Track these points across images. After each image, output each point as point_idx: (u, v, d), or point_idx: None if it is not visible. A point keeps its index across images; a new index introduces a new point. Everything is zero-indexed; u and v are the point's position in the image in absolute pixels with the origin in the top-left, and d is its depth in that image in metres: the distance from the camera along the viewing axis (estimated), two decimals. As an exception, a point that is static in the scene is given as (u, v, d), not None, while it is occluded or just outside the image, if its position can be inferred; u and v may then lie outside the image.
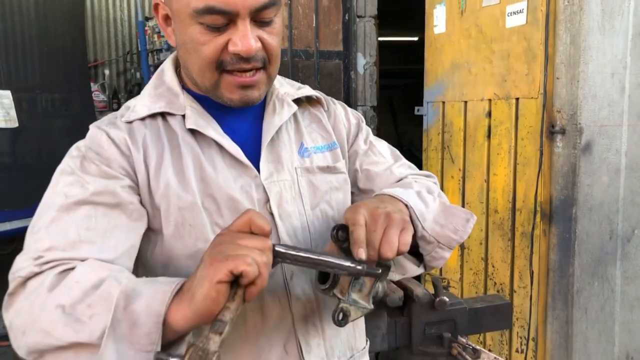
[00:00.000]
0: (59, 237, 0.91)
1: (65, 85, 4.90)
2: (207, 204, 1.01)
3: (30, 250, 0.91)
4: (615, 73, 2.32)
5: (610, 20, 2.29)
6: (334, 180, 1.14)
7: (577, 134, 2.31)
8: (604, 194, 2.38)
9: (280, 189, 1.06)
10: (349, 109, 1.29)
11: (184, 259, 1.00)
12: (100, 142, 1.01)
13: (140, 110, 1.06)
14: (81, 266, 0.87)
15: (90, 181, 0.96)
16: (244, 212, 0.87)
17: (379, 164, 1.23)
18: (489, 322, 1.89)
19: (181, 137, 1.04)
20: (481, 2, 2.65)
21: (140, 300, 0.81)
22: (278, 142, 1.10)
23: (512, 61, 2.52)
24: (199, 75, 1.01)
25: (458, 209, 1.10)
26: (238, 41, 0.95)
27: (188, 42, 0.98)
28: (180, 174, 1.01)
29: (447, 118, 2.96)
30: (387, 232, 0.94)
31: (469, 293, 2.86)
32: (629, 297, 2.49)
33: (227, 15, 0.93)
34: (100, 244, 0.93)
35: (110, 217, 0.95)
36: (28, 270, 0.88)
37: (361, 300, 0.97)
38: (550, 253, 2.46)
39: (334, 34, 3.63)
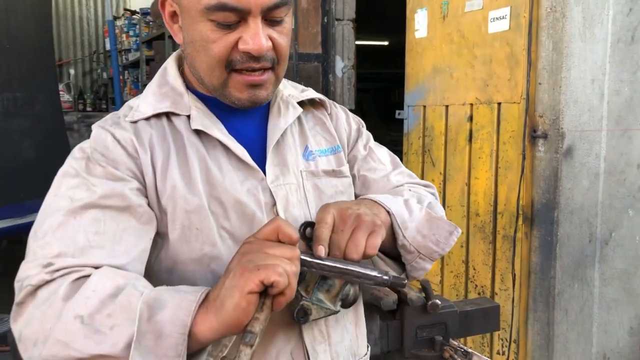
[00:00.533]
0: (67, 243, 0.87)
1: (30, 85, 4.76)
2: (214, 207, 0.99)
3: (37, 257, 0.86)
4: (595, 79, 2.38)
5: (590, 27, 2.34)
6: (339, 184, 1.13)
7: (559, 138, 2.35)
8: (584, 197, 2.43)
9: (286, 192, 1.04)
10: (350, 113, 1.28)
11: (190, 263, 0.98)
12: (105, 143, 0.97)
13: (145, 109, 1.03)
14: (97, 274, 0.84)
15: (96, 183, 0.93)
16: (272, 220, 0.86)
17: (377, 170, 1.22)
18: (479, 325, 1.91)
19: (186, 138, 1.01)
20: (463, 7, 2.68)
21: (165, 310, 0.79)
22: (283, 145, 1.08)
23: (494, 66, 2.56)
24: (207, 74, 0.99)
25: (443, 221, 1.08)
26: (249, 39, 0.93)
27: (197, 40, 0.96)
28: (186, 176, 0.98)
29: (428, 122, 2.98)
30: (354, 233, 0.93)
31: (449, 296, 2.89)
32: (607, 299, 2.55)
33: (239, 12, 0.92)
34: (110, 249, 0.89)
35: (119, 221, 0.92)
36: (38, 278, 0.83)
37: (326, 301, 0.95)
38: (531, 255, 2.50)
39: (313, 36, 3.62)
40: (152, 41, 5.56)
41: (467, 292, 2.80)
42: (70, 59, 7.11)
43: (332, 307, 0.95)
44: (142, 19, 5.84)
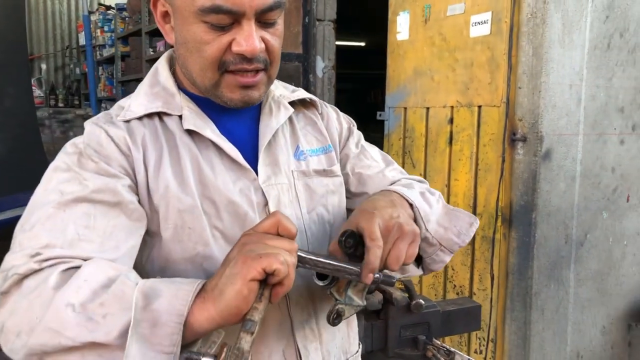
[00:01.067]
0: (56, 235, 0.85)
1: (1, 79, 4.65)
2: (206, 207, 0.99)
3: (24, 248, 0.84)
4: (572, 84, 2.44)
5: (569, 34, 2.40)
6: (330, 184, 1.14)
7: (537, 142, 2.40)
8: (561, 200, 2.49)
9: (278, 192, 1.05)
10: (340, 113, 1.29)
11: (182, 262, 0.98)
12: (99, 139, 0.97)
13: (137, 109, 1.02)
14: (88, 264, 0.82)
15: (88, 178, 0.92)
16: (272, 214, 0.87)
17: (371, 167, 1.23)
18: (461, 324, 1.94)
19: (179, 138, 1.01)
20: (446, 11, 2.72)
21: (161, 299, 0.78)
22: (275, 145, 1.09)
23: (475, 70, 2.60)
24: (199, 75, 0.99)
25: (462, 212, 1.12)
26: (242, 41, 0.94)
27: (190, 41, 0.96)
28: (179, 176, 0.98)
29: (409, 124, 3.01)
30: (396, 245, 0.95)
31: (428, 296, 2.92)
32: (581, 299, 2.61)
33: (233, 15, 0.92)
34: (100, 244, 0.88)
35: (110, 217, 0.91)
36: (26, 267, 0.82)
37: (356, 297, 0.98)
38: (509, 256, 2.55)
39: (294, 36, 3.62)
40: (128, 37, 5.49)
41: (446, 292, 2.84)
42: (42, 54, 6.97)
43: (360, 303, 0.98)
44: (117, 15, 5.76)
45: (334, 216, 1.14)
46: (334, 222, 1.14)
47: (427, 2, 2.83)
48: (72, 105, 6.94)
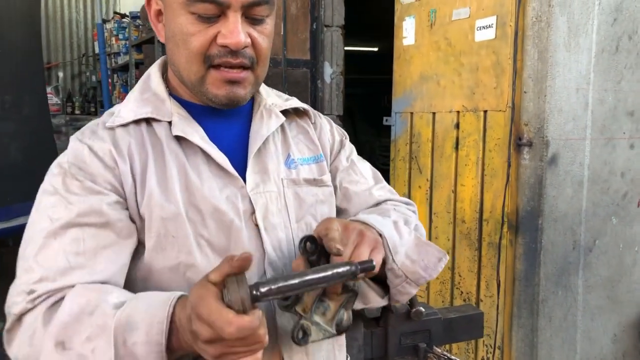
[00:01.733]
0: (48, 266, 0.89)
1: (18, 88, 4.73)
2: (192, 214, 0.98)
3: (22, 282, 0.90)
4: (579, 88, 2.40)
5: (575, 37, 2.37)
6: (320, 193, 1.13)
7: (543, 146, 2.37)
8: (568, 205, 2.45)
9: (266, 200, 1.04)
10: (334, 124, 1.28)
11: (166, 272, 0.97)
12: (82, 156, 0.97)
13: (126, 115, 1.02)
14: (69, 295, 0.87)
15: (74, 201, 0.93)
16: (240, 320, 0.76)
17: (358, 183, 1.21)
18: (463, 332, 1.91)
19: (166, 145, 1.00)
20: (451, 15, 2.70)
21: (138, 332, 0.81)
22: (265, 153, 1.08)
23: (480, 74, 2.58)
24: (185, 69, 0.99)
25: (432, 247, 1.06)
26: (227, 33, 0.94)
27: (177, 34, 0.97)
28: (163, 184, 0.98)
29: (415, 129, 2.99)
30: (358, 248, 0.92)
31: (435, 302, 2.90)
32: (590, 306, 2.57)
33: (219, 5, 0.93)
34: (90, 268, 0.91)
35: (99, 238, 0.93)
36: (21, 307, 0.88)
37: (324, 324, 0.92)
38: (516, 263, 2.52)
39: (302, 42, 3.63)
40: (142, 45, 5.54)
41: (453, 299, 2.81)
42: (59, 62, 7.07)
43: (329, 329, 0.92)
44: (131, 23, 5.82)
45: None
46: None
47: (433, 7, 2.81)
48: (89, 112, 7.03)
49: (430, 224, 2.92)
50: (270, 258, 1.02)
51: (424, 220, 2.96)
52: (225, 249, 0.99)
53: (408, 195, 3.06)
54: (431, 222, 2.92)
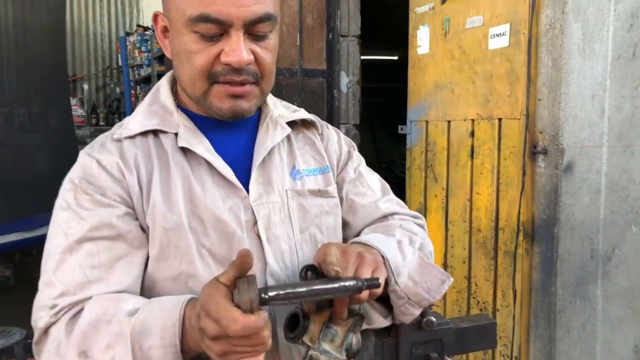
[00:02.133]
0: (67, 281, 0.94)
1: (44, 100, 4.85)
2: (194, 224, 1.00)
3: (44, 297, 0.95)
4: (595, 95, 2.37)
5: (590, 44, 2.34)
6: (325, 204, 1.13)
7: (558, 154, 2.35)
8: (585, 214, 2.41)
9: (269, 211, 1.05)
10: (342, 135, 1.28)
11: (168, 281, 0.99)
12: (91, 170, 1.00)
13: (133, 127, 1.05)
14: (87, 306, 0.91)
15: (85, 216, 0.97)
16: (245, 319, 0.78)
17: (365, 195, 1.20)
18: (475, 342, 1.89)
19: (172, 156, 1.03)
20: (464, 24, 2.70)
21: (153, 336, 0.84)
22: (269, 164, 1.09)
23: (494, 82, 2.56)
24: (189, 85, 1.01)
25: (435, 268, 1.05)
26: (230, 52, 0.95)
27: (182, 51, 0.99)
28: (167, 194, 1.00)
29: (431, 137, 2.98)
30: (359, 271, 0.92)
31: (451, 312, 2.87)
32: (610, 316, 2.52)
33: (221, 25, 0.94)
34: (107, 280, 0.95)
35: (112, 250, 0.96)
36: (45, 320, 0.93)
37: (332, 351, 0.91)
38: (532, 272, 2.49)
39: (318, 52, 3.65)
40: (164, 57, 5.63)
41: (470, 308, 2.79)
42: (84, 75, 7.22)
43: (339, 357, 0.91)
44: (153, 35, 5.92)
45: (328, 237, 1.12)
46: None
47: (447, 16, 2.81)
48: (113, 123, 7.14)
49: (447, 232, 2.90)
50: (272, 269, 1.03)
51: (440, 229, 2.95)
52: (227, 259, 1.00)
53: (424, 204, 3.05)
54: (447, 231, 2.90)
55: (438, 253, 2.97)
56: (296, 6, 3.55)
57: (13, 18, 4.56)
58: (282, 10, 3.52)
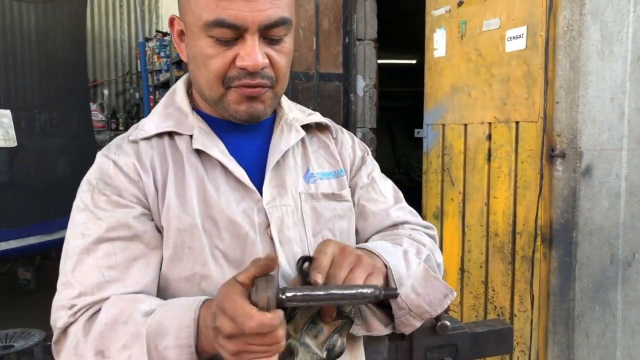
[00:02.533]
0: (85, 282, 0.95)
1: (64, 105, 4.92)
2: (208, 226, 1.00)
3: (62, 297, 0.96)
4: (614, 98, 2.34)
5: (609, 45, 2.31)
6: (338, 208, 1.13)
7: (577, 157, 2.31)
8: (604, 218, 2.38)
9: (282, 214, 1.05)
10: (357, 140, 1.28)
11: (182, 281, 1.00)
12: (108, 171, 1.01)
13: (149, 129, 1.06)
14: (104, 307, 0.92)
15: (102, 217, 0.98)
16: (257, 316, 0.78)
17: (377, 202, 1.19)
18: (491, 347, 1.87)
19: (186, 158, 1.03)
20: (481, 26, 2.68)
21: (168, 337, 0.85)
22: (283, 167, 1.09)
23: (511, 85, 2.54)
24: (206, 88, 1.02)
25: (439, 282, 1.03)
26: (245, 56, 0.96)
27: (197, 56, 0.99)
28: (181, 196, 1.01)
29: (447, 141, 2.97)
30: (353, 271, 0.90)
31: (468, 317, 2.85)
32: (630, 322, 2.48)
33: (236, 29, 0.95)
34: (124, 281, 0.96)
35: (129, 250, 0.98)
36: (64, 320, 0.94)
37: (314, 346, 0.90)
38: (550, 277, 2.45)
39: (334, 56, 3.65)
40: (182, 62, 5.68)
41: (487, 313, 2.76)
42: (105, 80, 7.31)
43: (319, 353, 0.90)
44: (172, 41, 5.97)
45: (342, 241, 1.10)
46: None
47: (463, 18, 2.79)
48: (132, 128, 7.20)
49: (464, 237, 2.88)
50: (284, 271, 1.03)
51: (457, 234, 2.92)
52: (240, 261, 1.01)
53: (441, 208, 3.03)
54: (464, 235, 2.88)
55: (455, 257, 2.94)
56: (312, 10, 3.56)
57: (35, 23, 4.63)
58: (298, 14, 3.55)
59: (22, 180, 4.33)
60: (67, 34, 5.01)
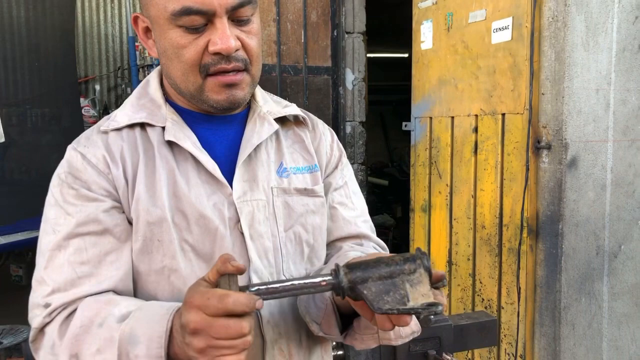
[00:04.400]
0: (57, 278, 0.94)
1: (55, 100, 4.90)
2: (177, 220, 0.99)
3: (37, 295, 0.96)
4: (599, 89, 2.34)
5: (594, 36, 2.30)
6: (311, 203, 1.12)
7: (562, 149, 2.31)
8: (590, 209, 2.38)
9: (252, 208, 1.04)
10: (336, 138, 1.26)
11: (151, 275, 0.99)
12: (76, 165, 1.00)
13: (121, 119, 1.04)
14: (79, 308, 0.92)
15: (72, 212, 0.97)
16: (224, 296, 0.78)
17: (348, 207, 1.20)
18: (475, 339, 1.87)
19: (157, 150, 1.02)
20: (467, 18, 2.67)
21: (140, 346, 0.85)
22: (255, 161, 1.07)
23: (497, 77, 2.53)
24: (182, 81, 1.00)
25: (413, 320, 1.05)
26: (217, 40, 0.95)
27: (168, 48, 0.98)
28: (151, 188, 1.00)
29: (435, 133, 2.96)
30: None
31: (456, 309, 2.85)
32: (617, 314, 2.48)
33: (204, 15, 0.94)
34: (97, 276, 0.96)
35: (100, 245, 0.97)
36: (39, 320, 0.94)
37: None
38: (537, 269, 2.45)
39: (323, 49, 3.64)
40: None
41: (474, 306, 2.76)
42: (96, 75, 7.27)
43: None
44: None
45: (313, 236, 1.11)
46: (313, 243, 1.11)
47: (450, 10, 2.78)
48: (125, 123, 7.16)
49: (451, 229, 2.88)
50: (256, 266, 1.02)
51: (445, 226, 2.92)
52: (210, 255, 1.00)
53: (428, 200, 3.03)
54: (451, 228, 2.87)
55: (443, 250, 2.94)
56: (300, 3, 3.54)
57: (25, 18, 4.60)
58: (286, 7, 3.53)
59: (12, 175, 4.31)
60: (57, 28, 4.98)
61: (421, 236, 3.10)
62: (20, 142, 4.53)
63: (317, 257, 1.13)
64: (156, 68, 1.15)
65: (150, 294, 0.99)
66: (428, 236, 3.05)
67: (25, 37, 4.61)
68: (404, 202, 5.26)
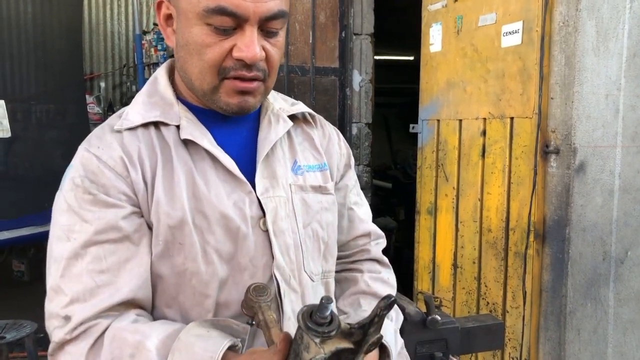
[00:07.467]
0: (76, 288, 0.91)
1: (60, 97, 4.90)
2: (198, 221, 0.98)
3: (54, 304, 0.92)
4: (609, 94, 2.33)
5: (604, 42, 2.30)
6: (324, 201, 1.12)
7: (571, 154, 2.31)
8: (598, 215, 2.37)
9: (276, 205, 1.03)
10: (342, 137, 1.27)
11: (173, 278, 0.98)
12: (91, 167, 0.96)
13: (134, 118, 1.01)
14: (107, 339, 0.89)
15: (89, 218, 0.93)
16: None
17: (360, 206, 1.24)
18: (481, 342, 1.87)
19: (174, 150, 1.00)
20: (477, 21, 2.67)
21: None
22: (273, 158, 1.07)
23: (507, 81, 2.53)
24: (197, 78, 0.98)
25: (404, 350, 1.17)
26: (244, 47, 0.94)
27: (191, 43, 0.96)
28: (170, 191, 0.97)
29: (442, 136, 2.96)
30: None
31: (461, 312, 2.84)
32: (622, 320, 2.47)
33: (236, 18, 0.92)
34: (115, 284, 0.93)
35: (119, 253, 0.94)
36: (59, 335, 0.90)
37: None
38: (543, 273, 2.45)
39: (331, 50, 3.64)
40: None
41: (479, 309, 2.75)
42: (101, 72, 7.28)
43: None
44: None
45: (328, 233, 1.12)
46: (327, 240, 1.12)
47: (459, 13, 2.78)
48: (129, 121, 7.16)
49: (457, 232, 2.88)
50: (278, 263, 1.02)
51: (451, 229, 2.92)
52: (232, 255, 0.99)
53: (434, 203, 3.03)
54: (457, 231, 2.87)
55: (448, 253, 2.94)
56: (309, 3, 3.54)
57: (32, 15, 4.61)
58: (295, 8, 3.53)
59: (16, 171, 4.31)
60: (63, 25, 4.99)
61: (427, 239, 3.10)
62: (25, 137, 4.53)
63: (330, 254, 1.14)
64: (162, 65, 1.12)
65: (171, 297, 0.98)
66: (433, 239, 3.05)
67: (32, 33, 4.62)
68: (407, 205, 5.25)
